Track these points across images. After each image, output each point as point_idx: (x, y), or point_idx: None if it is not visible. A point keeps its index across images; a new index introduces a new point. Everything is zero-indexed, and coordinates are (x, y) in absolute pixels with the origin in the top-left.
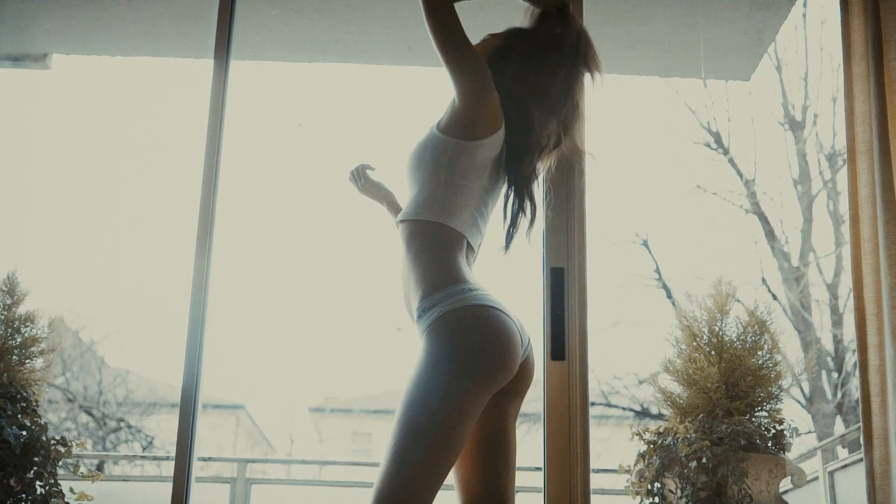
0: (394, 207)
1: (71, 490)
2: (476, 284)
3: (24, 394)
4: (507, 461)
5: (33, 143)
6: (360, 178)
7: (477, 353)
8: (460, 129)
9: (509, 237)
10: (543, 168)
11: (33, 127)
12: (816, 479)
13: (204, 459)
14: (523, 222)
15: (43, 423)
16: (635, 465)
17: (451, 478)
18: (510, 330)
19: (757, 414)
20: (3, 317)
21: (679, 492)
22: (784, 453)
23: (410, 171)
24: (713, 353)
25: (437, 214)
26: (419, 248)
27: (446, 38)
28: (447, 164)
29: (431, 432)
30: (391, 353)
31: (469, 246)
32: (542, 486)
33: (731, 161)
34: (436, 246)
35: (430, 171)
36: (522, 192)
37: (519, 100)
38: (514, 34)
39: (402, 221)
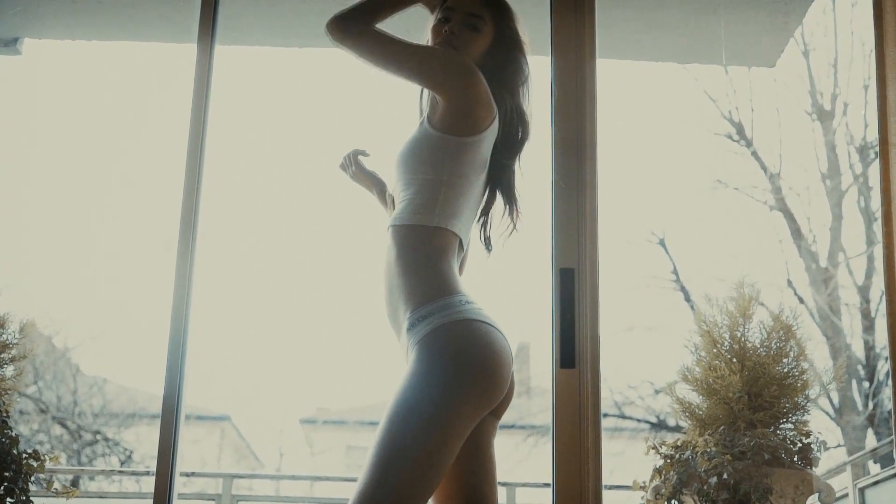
0: (384, 198)
1: None
2: (470, 297)
3: None
4: (490, 480)
5: (1, 136)
6: (353, 164)
7: (473, 373)
8: (460, 124)
9: (487, 238)
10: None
11: (1, 117)
12: (846, 496)
13: (187, 475)
14: (501, 222)
15: (14, 435)
16: (651, 480)
17: (432, 500)
18: (505, 350)
19: (782, 426)
20: None
21: None
22: (811, 468)
23: (403, 172)
24: (735, 360)
25: (437, 218)
26: (412, 255)
27: (398, 65)
28: (450, 165)
29: (416, 450)
30: (388, 361)
31: (461, 245)
32: None
33: (754, 154)
34: (430, 253)
35: (429, 172)
36: (510, 191)
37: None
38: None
39: (395, 226)
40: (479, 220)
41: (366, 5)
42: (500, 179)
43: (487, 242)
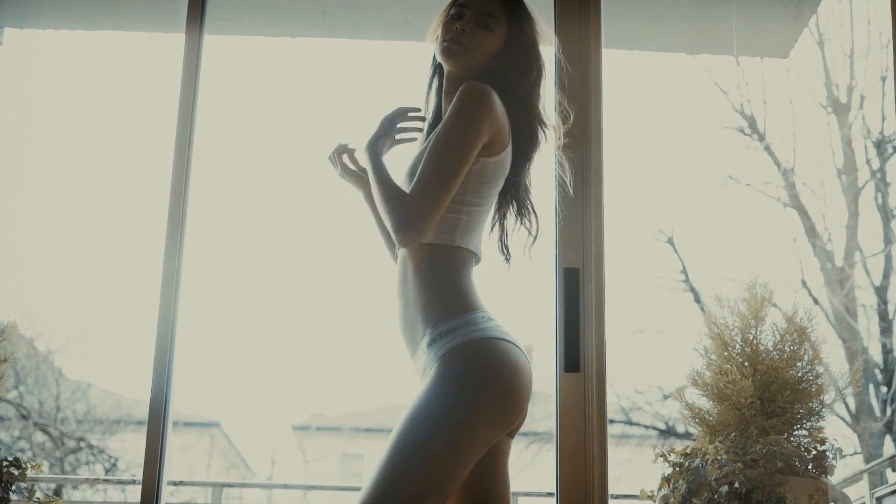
0: (372, 199)
1: None
2: (491, 314)
3: None
4: (504, 499)
5: None
6: (338, 164)
7: (495, 392)
8: (486, 146)
9: (506, 247)
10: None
11: None
12: None
13: (174, 483)
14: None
15: None
16: (659, 489)
17: None
18: (527, 371)
19: (796, 433)
20: None
21: None
22: (826, 477)
23: None
24: (747, 364)
25: (454, 238)
26: (431, 271)
27: (459, 170)
28: (474, 185)
29: (427, 464)
30: (385, 366)
31: (476, 258)
32: None
33: (767, 148)
34: (450, 269)
35: None
36: (525, 200)
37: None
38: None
39: None
40: (492, 229)
41: (395, 209)
42: (514, 187)
43: (506, 252)
